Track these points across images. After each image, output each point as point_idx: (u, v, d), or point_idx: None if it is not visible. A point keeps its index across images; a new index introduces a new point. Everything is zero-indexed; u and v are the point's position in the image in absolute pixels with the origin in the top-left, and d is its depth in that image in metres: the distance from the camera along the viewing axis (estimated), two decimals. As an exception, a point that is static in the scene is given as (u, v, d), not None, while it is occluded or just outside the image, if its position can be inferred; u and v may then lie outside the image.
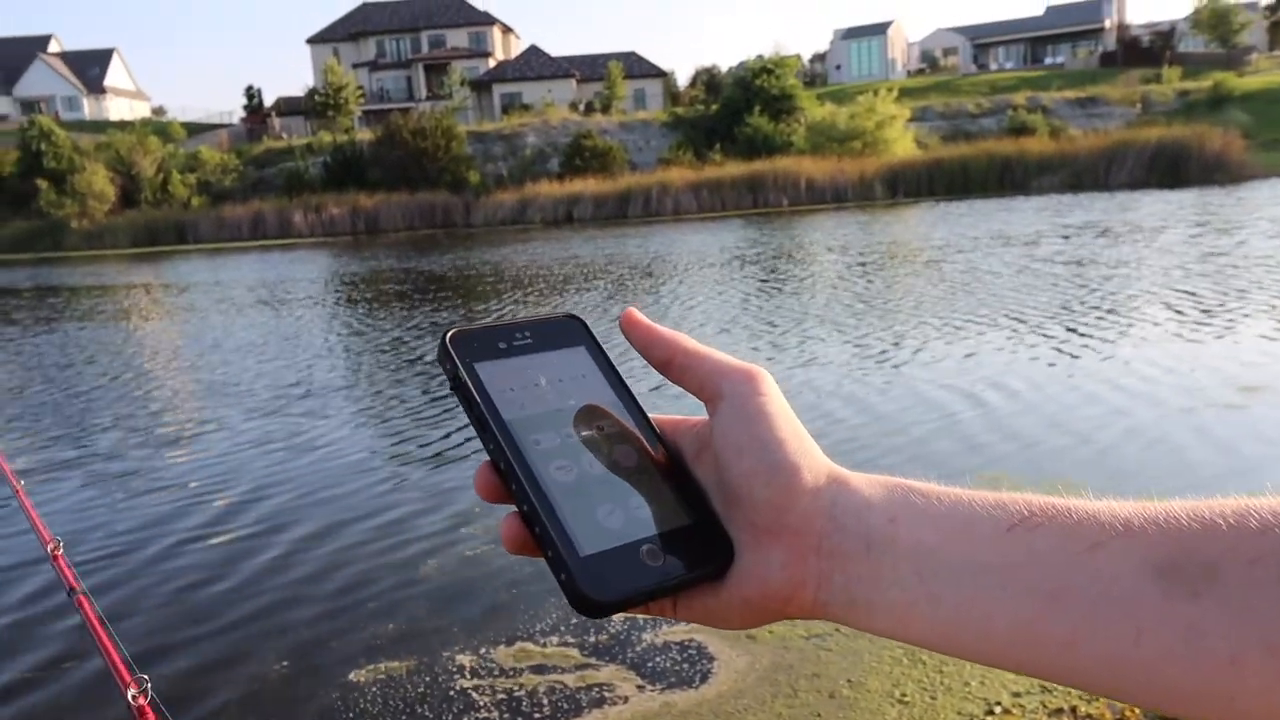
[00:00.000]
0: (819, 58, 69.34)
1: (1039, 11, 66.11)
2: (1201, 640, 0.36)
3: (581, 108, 52.28)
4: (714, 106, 48.38)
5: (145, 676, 1.44)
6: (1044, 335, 8.64)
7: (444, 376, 0.47)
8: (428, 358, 9.74)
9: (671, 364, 0.47)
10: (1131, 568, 0.37)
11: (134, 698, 1.41)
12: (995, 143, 37.40)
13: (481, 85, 57.38)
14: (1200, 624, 0.36)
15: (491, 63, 60.82)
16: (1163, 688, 0.37)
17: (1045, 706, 2.98)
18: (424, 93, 59.01)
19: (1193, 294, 10.23)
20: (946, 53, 66.01)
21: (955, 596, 0.40)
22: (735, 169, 37.52)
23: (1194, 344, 7.85)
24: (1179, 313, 9.24)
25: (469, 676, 3.32)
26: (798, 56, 51.69)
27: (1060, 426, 5.87)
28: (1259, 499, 0.37)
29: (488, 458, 0.44)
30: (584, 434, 0.45)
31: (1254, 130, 36.61)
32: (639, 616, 3.71)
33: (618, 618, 3.73)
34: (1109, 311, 9.65)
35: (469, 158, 43.45)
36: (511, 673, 3.33)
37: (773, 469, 0.43)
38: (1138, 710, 2.91)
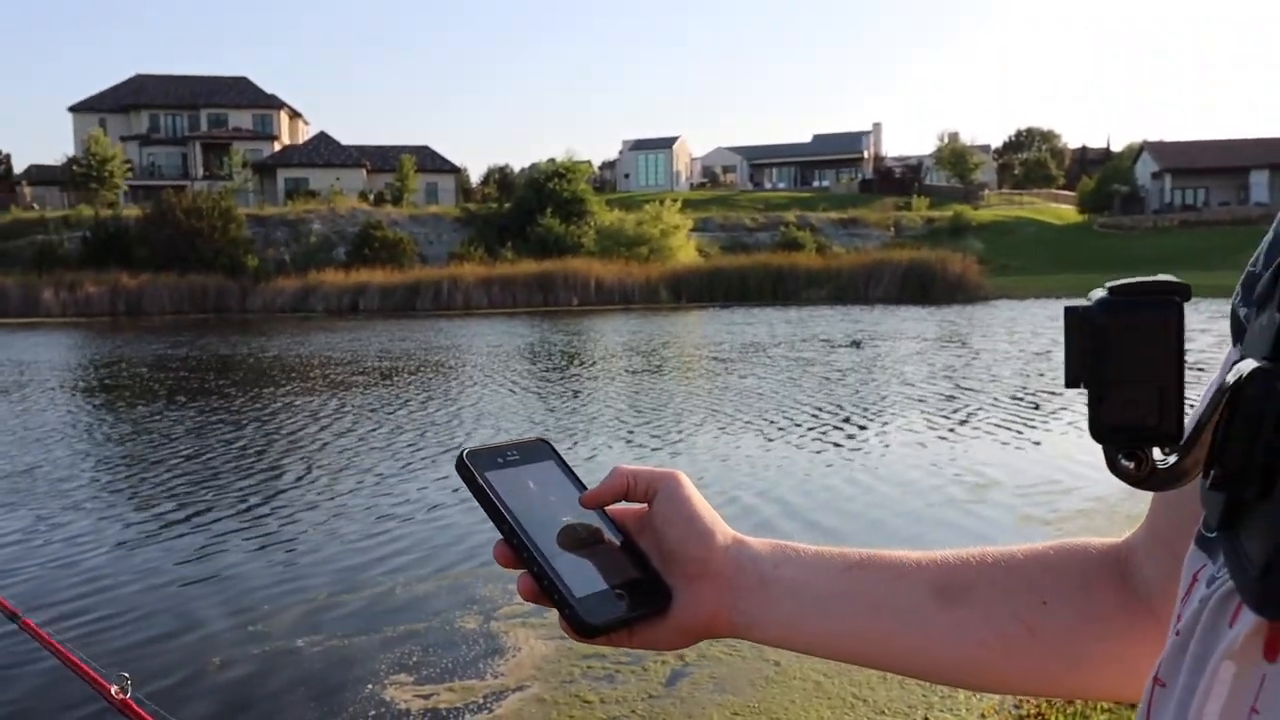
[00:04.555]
0: (608, 165, 72.23)
1: (807, 139, 72.26)
2: (963, 632, 0.59)
3: (371, 198, 51.58)
4: (507, 205, 49.08)
5: (125, 674, 1.60)
6: (824, 433, 9.27)
7: (455, 484, 0.66)
8: (190, 452, 9.14)
9: (632, 492, 0.65)
10: (921, 590, 0.60)
11: (116, 693, 1.58)
12: (770, 255, 40.12)
13: (265, 168, 55.49)
14: (962, 623, 0.59)
15: (277, 146, 59.08)
16: (944, 664, 0.61)
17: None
18: (201, 171, 56.35)
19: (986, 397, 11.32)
20: (726, 170, 70.59)
21: (817, 613, 0.61)
22: (527, 267, 38.06)
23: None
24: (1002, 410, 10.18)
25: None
26: (589, 162, 53.58)
27: (833, 507, 6.30)
28: (992, 547, 0.62)
29: (500, 537, 0.62)
30: (565, 520, 0.65)
31: (986, 256, 41.34)
32: None
33: None
34: (875, 411, 10.48)
35: (248, 241, 41.63)
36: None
37: (699, 535, 0.63)
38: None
